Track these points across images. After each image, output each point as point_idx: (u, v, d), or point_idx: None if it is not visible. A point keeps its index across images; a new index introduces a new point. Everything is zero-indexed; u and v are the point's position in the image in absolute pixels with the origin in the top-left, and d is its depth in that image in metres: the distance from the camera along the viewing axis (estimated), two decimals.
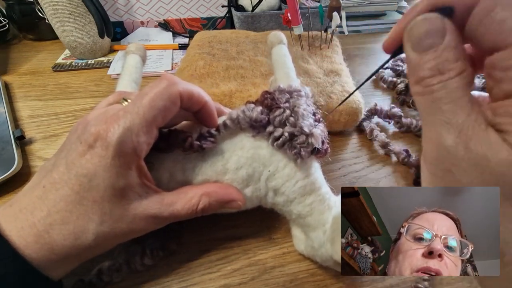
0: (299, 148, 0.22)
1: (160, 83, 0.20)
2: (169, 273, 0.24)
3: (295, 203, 0.23)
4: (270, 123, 0.23)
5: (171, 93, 0.20)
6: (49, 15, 0.49)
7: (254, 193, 0.24)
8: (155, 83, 0.20)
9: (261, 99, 0.24)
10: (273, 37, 0.33)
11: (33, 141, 0.37)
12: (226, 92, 0.37)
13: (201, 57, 0.44)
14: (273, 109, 0.23)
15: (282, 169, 0.23)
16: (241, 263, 0.25)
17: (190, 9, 0.63)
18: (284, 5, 0.61)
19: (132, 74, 0.31)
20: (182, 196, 0.22)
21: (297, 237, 0.25)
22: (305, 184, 0.23)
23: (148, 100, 0.19)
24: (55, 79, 0.49)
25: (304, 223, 0.23)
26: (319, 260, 0.23)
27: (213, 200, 0.22)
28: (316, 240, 0.22)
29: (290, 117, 0.23)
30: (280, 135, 0.23)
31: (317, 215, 0.23)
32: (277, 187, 0.23)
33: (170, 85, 0.20)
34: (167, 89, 0.20)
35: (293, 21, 0.43)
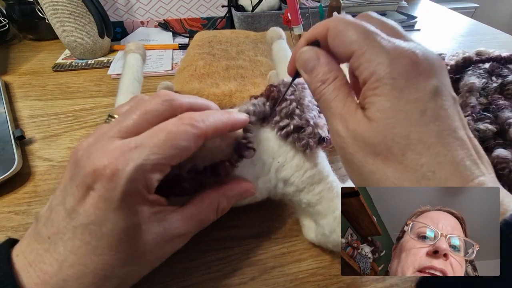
0: (307, 139, 0.23)
1: (187, 119, 0.18)
2: (169, 273, 0.24)
3: (304, 193, 0.24)
4: (277, 114, 0.24)
5: (197, 135, 0.18)
6: (49, 15, 0.49)
7: (264, 185, 0.24)
8: (184, 117, 0.18)
9: (266, 92, 0.25)
10: (272, 33, 0.33)
11: (33, 141, 0.37)
12: (226, 92, 0.37)
13: (201, 57, 0.44)
14: (280, 102, 0.24)
15: (290, 160, 0.24)
16: (241, 263, 0.25)
17: (190, 9, 0.63)
18: (284, 5, 0.61)
19: (134, 73, 0.31)
20: (199, 204, 0.21)
21: (306, 226, 0.26)
22: (314, 173, 0.24)
23: (169, 137, 0.17)
24: (55, 79, 0.49)
25: (314, 211, 0.24)
26: (330, 246, 0.24)
27: (230, 197, 0.22)
28: (327, 227, 0.23)
29: (296, 109, 0.24)
30: (285, 125, 0.23)
31: (327, 202, 0.23)
32: (287, 177, 0.24)
33: (197, 124, 0.18)
34: (194, 129, 0.18)
35: (293, 21, 0.43)
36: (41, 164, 0.33)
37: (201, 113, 0.19)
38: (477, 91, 0.31)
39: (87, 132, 0.38)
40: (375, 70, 0.16)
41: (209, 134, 0.19)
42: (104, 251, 0.17)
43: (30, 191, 0.30)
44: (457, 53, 0.36)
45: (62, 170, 0.33)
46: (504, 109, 0.29)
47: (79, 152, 0.18)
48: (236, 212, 0.24)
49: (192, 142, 0.18)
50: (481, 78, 0.33)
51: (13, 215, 0.28)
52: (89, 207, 0.16)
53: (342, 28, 0.17)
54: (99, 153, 0.17)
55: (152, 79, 0.50)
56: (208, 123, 0.19)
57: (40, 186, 0.31)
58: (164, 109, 0.19)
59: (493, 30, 0.71)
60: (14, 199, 0.30)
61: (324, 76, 0.18)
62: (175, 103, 0.19)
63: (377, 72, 0.16)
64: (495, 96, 0.30)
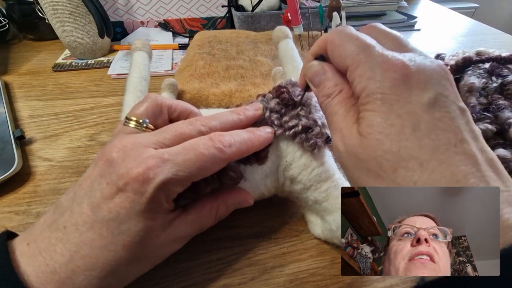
0: (315, 140, 0.23)
1: (217, 142, 0.19)
2: (169, 273, 0.24)
3: (311, 190, 0.24)
4: (286, 114, 0.24)
5: (223, 159, 0.20)
6: (49, 15, 0.49)
7: (272, 183, 0.25)
8: (214, 140, 0.19)
9: (276, 93, 0.25)
10: (279, 32, 0.33)
11: (33, 141, 0.37)
12: (226, 92, 0.37)
13: (201, 57, 0.44)
14: (289, 104, 0.24)
15: (298, 159, 0.24)
16: (241, 263, 0.25)
17: (190, 9, 0.63)
18: (284, 5, 0.61)
19: (141, 71, 0.31)
20: (200, 209, 0.22)
21: (312, 222, 0.26)
22: (321, 171, 0.24)
23: (199, 158, 0.18)
24: (55, 79, 0.49)
25: (320, 208, 0.24)
26: (337, 241, 0.24)
27: (229, 204, 0.23)
28: (333, 223, 0.23)
29: (303, 110, 0.24)
30: (294, 125, 0.24)
31: (333, 199, 0.24)
32: (294, 176, 0.24)
33: (224, 150, 0.19)
34: (221, 154, 0.19)
35: (293, 21, 0.43)
36: (41, 164, 0.33)
37: (230, 136, 0.20)
38: (477, 91, 0.31)
39: (87, 132, 0.38)
40: (366, 85, 0.16)
41: (233, 159, 0.20)
42: (117, 248, 0.17)
43: (30, 191, 0.30)
44: (457, 53, 0.36)
45: (62, 170, 0.33)
46: (504, 109, 0.29)
47: (113, 153, 0.18)
48: (236, 212, 0.24)
49: (217, 166, 0.20)
50: (481, 78, 0.33)
51: (13, 215, 0.28)
52: (114, 206, 0.17)
53: (339, 42, 0.18)
54: (134, 159, 0.18)
55: (152, 79, 0.49)
56: (235, 149, 0.20)
57: (40, 186, 0.31)
58: (197, 137, 0.20)
59: (493, 30, 0.71)
60: (14, 199, 0.30)
61: (329, 90, 0.19)
62: (209, 132, 0.21)
63: (368, 86, 0.16)
64: (495, 96, 0.30)
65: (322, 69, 0.19)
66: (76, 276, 0.17)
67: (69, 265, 0.17)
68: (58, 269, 0.17)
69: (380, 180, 0.15)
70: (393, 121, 0.15)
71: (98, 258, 0.17)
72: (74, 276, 0.17)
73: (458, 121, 0.15)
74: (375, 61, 0.16)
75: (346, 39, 0.17)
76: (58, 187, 0.31)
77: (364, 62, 0.16)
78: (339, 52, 0.18)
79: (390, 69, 0.15)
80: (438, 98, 0.15)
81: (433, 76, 0.15)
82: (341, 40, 0.18)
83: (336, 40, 0.18)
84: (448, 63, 0.35)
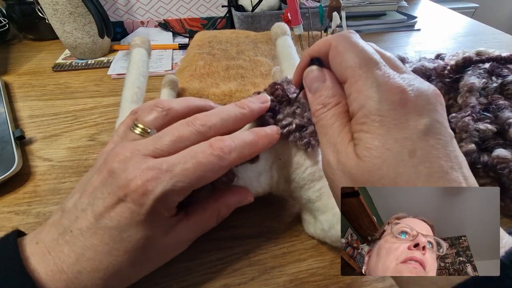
0: (308, 138, 0.23)
1: (217, 149, 0.19)
2: (169, 273, 0.24)
3: (305, 189, 0.24)
4: (280, 112, 0.24)
5: (223, 167, 0.19)
6: (49, 15, 0.49)
7: (266, 181, 0.25)
8: (214, 146, 0.19)
9: (270, 90, 0.25)
10: (277, 28, 0.33)
11: (33, 141, 0.37)
12: (226, 92, 0.38)
13: (201, 57, 0.44)
14: (283, 101, 0.24)
15: (292, 158, 0.24)
16: (241, 263, 0.25)
17: (190, 9, 0.63)
18: (284, 5, 0.61)
19: (140, 68, 0.31)
20: (202, 212, 0.22)
21: (307, 220, 0.26)
22: (314, 170, 0.24)
23: (198, 168, 0.18)
24: (55, 79, 0.49)
25: (313, 207, 0.24)
26: (329, 241, 0.24)
27: (230, 205, 0.23)
28: (326, 223, 0.23)
29: (298, 108, 0.24)
30: (288, 124, 0.23)
31: (326, 199, 0.24)
32: (288, 174, 0.24)
33: (225, 157, 0.19)
34: (221, 162, 0.19)
35: (293, 21, 0.43)
36: (41, 164, 0.33)
37: (231, 140, 0.20)
38: (477, 91, 0.31)
39: (87, 132, 0.38)
40: (364, 104, 0.15)
41: (234, 164, 0.20)
42: (119, 253, 0.18)
43: (30, 191, 0.30)
44: (457, 53, 0.36)
45: (62, 170, 0.33)
46: (504, 109, 0.29)
47: (115, 163, 0.19)
48: (236, 212, 0.24)
49: (217, 174, 0.20)
50: (481, 78, 0.33)
51: (13, 215, 0.28)
52: (115, 215, 0.18)
53: (342, 49, 0.17)
54: (133, 171, 0.18)
55: (152, 79, 0.49)
56: (235, 155, 0.20)
57: (40, 186, 0.31)
58: (197, 139, 0.20)
59: (493, 30, 0.71)
60: (14, 199, 0.30)
61: (326, 100, 0.18)
62: (209, 134, 0.20)
63: (366, 106, 0.15)
64: (495, 96, 0.30)
65: (322, 76, 0.18)
66: (82, 276, 0.18)
67: (75, 266, 0.18)
68: (65, 269, 0.17)
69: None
70: (391, 146, 0.15)
71: (102, 262, 0.18)
72: (80, 277, 0.18)
73: (449, 148, 0.15)
74: (376, 79, 0.15)
75: (350, 47, 0.17)
76: (58, 187, 0.31)
77: (365, 78, 0.16)
78: (340, 60, 0.17)
79: (390, 91, 0.15)
80: (434, 125, 0.15)
81: (430, 102, 0.15)
82: (345, 47, 0.17)
83: (339, 47, 0.17)
84: (448, 63, 0.35)
